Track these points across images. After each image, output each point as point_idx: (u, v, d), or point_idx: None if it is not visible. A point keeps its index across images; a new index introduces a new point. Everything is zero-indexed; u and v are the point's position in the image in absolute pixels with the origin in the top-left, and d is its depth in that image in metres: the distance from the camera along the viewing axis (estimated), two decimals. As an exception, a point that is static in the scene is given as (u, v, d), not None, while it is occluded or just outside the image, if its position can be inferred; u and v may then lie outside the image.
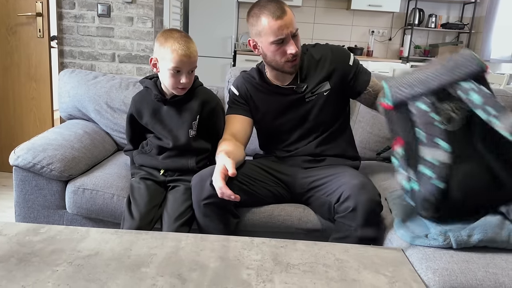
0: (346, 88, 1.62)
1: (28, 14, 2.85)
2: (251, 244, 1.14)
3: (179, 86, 1.53)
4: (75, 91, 2.05)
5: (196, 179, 1.44)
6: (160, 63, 1.53)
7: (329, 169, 1.56)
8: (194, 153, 1.64)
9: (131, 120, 1.70)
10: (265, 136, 1.74)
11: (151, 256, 1.05)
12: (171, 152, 1.63)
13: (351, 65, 1.59)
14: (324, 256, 1.10)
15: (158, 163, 1.63)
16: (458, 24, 5.28)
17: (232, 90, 1.69)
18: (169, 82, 1.53)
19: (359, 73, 1.61)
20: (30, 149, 1.63)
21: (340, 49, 1.63)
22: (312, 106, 1.60)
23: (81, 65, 3.15)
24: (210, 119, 1.67)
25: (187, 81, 1.52)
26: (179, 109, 1.63)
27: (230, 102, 1.70)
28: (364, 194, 1.33)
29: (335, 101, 1.62)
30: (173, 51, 1.48)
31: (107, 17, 3.07)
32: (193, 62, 1.53)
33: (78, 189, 1.61)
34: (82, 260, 1.01)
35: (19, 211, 1.69)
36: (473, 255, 1.13)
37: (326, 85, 1.58)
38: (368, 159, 2.04)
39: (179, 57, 1.48)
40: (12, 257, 1.01)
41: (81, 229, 1.17)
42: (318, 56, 1.60)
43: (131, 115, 1.69)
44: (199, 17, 4.76)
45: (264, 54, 1.53)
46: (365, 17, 5.43)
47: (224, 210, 1.43)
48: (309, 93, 1.59)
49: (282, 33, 1.45)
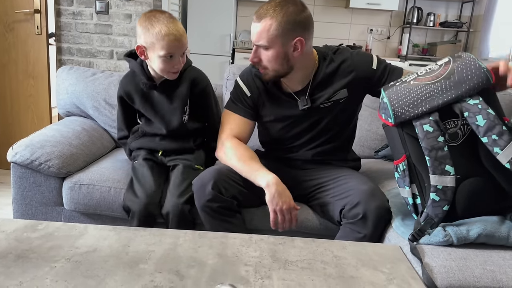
0: (372, 92, 1.56)
1: (26, 11, 2.84)
2: (249, 241, 1.15)
3: (173, 71, 1.48)
4: (73, 88, 2.04)
5: (198, 183, 1.41)
6: (149, 50, 1.45)
7: (333, 170, 1.54)
8: (190, 135, 1.63)
9: (122, 102, 1.66)
10: (270, 138, 1.66)
11: (149, 252, 1.05)
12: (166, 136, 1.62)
13: (375, 69, 1.50)
14: (322, 253, 1.10)
15: (156, 145, 1.62)
16: (457, 23, 5.28)
17: (241, 87, 1.57)
18: (162, 68, 1.46)
19: (387, 74, 1.51)
20: (28, 145, 1.62)
21: (361, 54, 1.54)
22: (326, 113, 1.53)
23: (79, 62, 3.14)
24: (200, 100, 1.63)
25: (181, 65, 1.48)
26: (170, 95, 1.58)
27: (236, 99, 1.58)
28: (374, 201, 1.31)
29: (350, 108, 1.56)
30: (163, 37, 1.40)
31: (106, 14, 3.07)
32: (184, 44, 1.46)
33: (74, 185, 1.61)
34: (80, 257, 1.01)
35: (17, 208, 1.68)
36: (471, 252, 1.13)
37: (343, 93, 1.51)
38: (366, 157, 2.05)
39: (171, 42, 1.41)
40: (10, 254, 1.01)
41: (79, 226, 1.17)
42: (338, 62, 1.51)
43: (121, 98, 1.65)
44: (198, 14, 4.75)
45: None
46: (364, 15, 5.43)
47: (229, 210, 1.42)
48: (325, 100, 1.51)
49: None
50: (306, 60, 1.47)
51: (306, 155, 1.58)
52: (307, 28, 1.41)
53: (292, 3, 1.37)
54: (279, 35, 1.36)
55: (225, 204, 1.40)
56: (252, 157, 1.46)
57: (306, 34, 1.40)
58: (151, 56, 1.47)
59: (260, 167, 1.41)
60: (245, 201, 1.46)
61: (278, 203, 1.34)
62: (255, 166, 1.42)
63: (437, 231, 1.16)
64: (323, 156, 1.58)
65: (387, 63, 1.54)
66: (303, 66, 1.47)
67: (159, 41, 1.41)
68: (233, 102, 1.59)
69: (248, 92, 1.55)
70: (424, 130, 1.15)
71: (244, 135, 1.57)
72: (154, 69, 1.53)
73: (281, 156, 1.63)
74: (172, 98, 1.58)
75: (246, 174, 1.43)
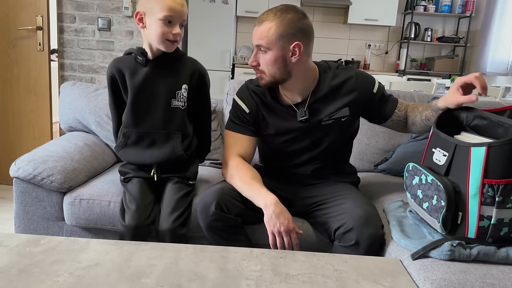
0: (368, 115, 1.59)
1: (28, 28, 2.89)
2: (251, 255, 1.15)
3: (170, 38, 1.42)
4: (76, 103, 2.06)
5: (201, 204, 1.40)
6: (148, 15, 1.42)
7: (331, 188, 1.54)
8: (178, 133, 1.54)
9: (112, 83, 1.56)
10: (270, 153, 1.65)
11: (151, 266, 1.06)
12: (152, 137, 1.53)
13: (375, 93, 1.54)
14: (323, 267, 1.11)
15: (146, 158, 1.54)
16: (454, 38, 5.35)
17: (239, 105, 1.57)
18: (159, 33, 1.40)
19: (384, 101, 1.56)
20: (30, 160, 1.64)
21: (364, 75, 1.56)
22: (328, 131, 1.53)
23: (81, 78, 3.18)
24: (198, 91, 1.57)
25: (179, 35, 1.43)
26: (163, 73, 1.50)
27: (236, 117, 1.57)
28: (368, 229, 1.30)
29: (351, 126, 1.58)
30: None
31: (108, 31, 3.11)
32: (184, 13, 1.44)
33: (74, 200, 1.61)
34: (82, 271, 1.02)
35: (18, 223, 1.69)
36: (471, 266, 1.14)
37: (345, 111, 1.51)
38: (366, 170, 2.06)
39: (172, 3, 1.38)
40: (13, 268, 1.02)
41: (81, 240, 1.18)
42: (341, 79, 1.52)
43: (112, 77, 1.55)
44: (198, 30, 4.81)
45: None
46: (362, 31, 5.50)
47: (234, 227, 1.42)
48: (326, 117, 1.51)
49: None
50: (305, 69, 1.48)
51: (305, 170, 1.59)
52: (306, 35, 1.43)
53: (294, 10, 1.41)
54: (278, 38, 1.39)
55: (229, 222, 1.40)
56: (254, 177, 1.46)
57: (304, 40, 1.42)
58: (149, 22, 1.42)
59: (260, 187, 1.42)
60: (248, 218, 1.47)
61: (276, 225, 1.34)
62: (255, 186, 1.43)
63: (446, 247, 1.16)
64: (322, 172, 1.59)
65: (385, 91, 1.59)
66: (302, 75, 1.48)
67: (158, 3, 1.39)
68: (232, 122, 1.59)
69: (246, 108, 1.55)
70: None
71: (247, 152, 1.57)
72: (150, 43, 1.47)
73: (280, 171, 1.62)
74: (164, 77, 1.50)
75: (246, 194, 1.43)
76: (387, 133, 2.08)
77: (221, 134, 2.14)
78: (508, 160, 1.10)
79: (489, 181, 1.11)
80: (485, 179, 1.11)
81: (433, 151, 1.28)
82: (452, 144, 1.21)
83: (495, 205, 1.12)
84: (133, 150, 1.57)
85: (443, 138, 1.25)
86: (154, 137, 1.55)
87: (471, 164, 1.13)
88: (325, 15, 5.47)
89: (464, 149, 1.17)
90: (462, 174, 1.16)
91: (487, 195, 1.12)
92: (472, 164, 1.13)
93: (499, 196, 1.11)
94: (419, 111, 1.50)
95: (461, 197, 1.17)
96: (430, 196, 1.22)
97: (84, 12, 3.08)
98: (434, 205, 1.20)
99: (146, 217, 1.45)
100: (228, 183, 1.50)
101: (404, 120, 1.56)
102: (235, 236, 1.43)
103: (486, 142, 1.12)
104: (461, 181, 1.17)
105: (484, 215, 1.14)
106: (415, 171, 1.30)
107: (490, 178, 1.11)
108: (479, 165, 1.12)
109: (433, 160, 1.27)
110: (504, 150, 1.10)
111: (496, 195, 1.11)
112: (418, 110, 1.51)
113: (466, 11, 5.23)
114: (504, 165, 1.10)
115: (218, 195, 1.40)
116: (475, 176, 1.12)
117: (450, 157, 1.21)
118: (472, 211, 1.15)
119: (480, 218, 1.14)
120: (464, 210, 1.16)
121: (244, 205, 1.43)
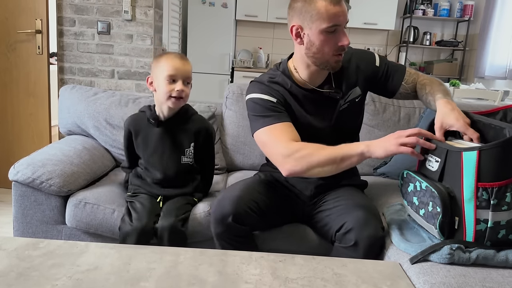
0: (376, 89, 1.57)
1: (27, 32, 2.89)
2: (250, 258, 1.15)
3: (174, 94, 1.52)
4: (75, 107, 2.06)
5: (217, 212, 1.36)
6: (155, 78, 1.56)
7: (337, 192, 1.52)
8: (189, 180, 1.67)
9: (128, 137, 1.69)
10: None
11: (150, 270, 1.06)
12: (164, 181, 1.64)
13: (379, 66, 1.52)
14: (322, 271, 1.10)
15: (155, 190, 1.63)
16: (453, 42, 5.37)
17: (263, 99, 1.42)
18: (164, 91, 1.52)
19: (391, 72, 1.52)
20: (29, 164, 1.63)
21: (363, 51, 1.55)
22: (346, 116, 1.50)
23: (81, 81, 3.18)
24: (204, 146, 1.69)
25: (183, 89, 1.52)
26: (173, 133, 1.63)
27: (267, 110, 1.41)
28: (367, 230, 1.29)
29: (362, 109, 1.57)
30: (167, 61, 1.52)
31: (107, 35, 3.12)
32: (188, 71, 1.55)
33: (79, 203, 1.61)
34: (81, 275, 1.02)
35: (17, 226, 1.68)
36: (470, 269, 1.14)
37: (357, 91, 1.49)
38: (365, 174, 2.06)
39: (174, 63, 1.51)
40: (12, 272, 1.01)
41: (80, 244, 1.17)
42: (345, 59, 1.46)
43: (128, 131, 1.68)
44: (198, 34, 4.82)
45: (311, 43, 1.37)
46: (361, 34, 5.51)
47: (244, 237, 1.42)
48: (343, 101, 1.48)
49: (338, 20, 1.31)
50: None
51: None
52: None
53: None
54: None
55: (243, 233, 1.40)
56: (323, 146, 1.32)
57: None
58: (157, 84, 1.55)
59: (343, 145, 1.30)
60: (259, 226, 1.47)
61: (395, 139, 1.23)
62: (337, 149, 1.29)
63: (445, 251, 1.16)
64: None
65: (388, 61, 1.56)
66: None
67: (163, 66, 1.52)
68: (263, 117, 1.40)
69: (272, 98, 1.42)
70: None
71: (297, 137, 1.38)
72: (160, 104, 1.59)
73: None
74: (175, 136, 1.63)
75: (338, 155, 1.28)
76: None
77: (220, 139, 2.14)
78: (500, 163, 1.10)
79: (482, 185, 1.11)
80: (478, 183, 1.11)
81: (426, 157, 1.28)
82: (443, 149, 1.21)
83: (491, 208, 1.12)
84: (142, 182, 1.67)
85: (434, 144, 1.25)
86: (164, 184, 1.65)
87: (464, 169, 1.13)
88: (324, 19, 5.48)
89: (456, 154, 1.17)
90: (455, 179, 1.17)
91: (482, 198, 1.12)
92: (464, 168, 1.13)
93: (493, 199, 1.11)
94: (425, 92, 1.47)
95: (456, 202, 1.17)
96: (425, 202, 1.22)
97: (83, 15, 3.08)
98: (430, 211, 1.20)
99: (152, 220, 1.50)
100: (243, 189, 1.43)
101: (413, 92, 1.54)
102: (245, 246, 1.40)
103: (477, 146, 1.12)
104: (455, 186, 1.17)
105: (480, 218, 1.14)
106: (410, 178, 1.30)
107: (484, 181, 1.11)
108: (472, 169, 1.12)
109: (427, 166, 1.27)
110: (495, 153, 1.10)
111: (491, 198, 1.11)
112: (425, 91, 1.47)
113: (465, 15, 5.25)
114: (496, 168, 1.10)
115: (236, 205, 1.35)
116: (469, 181, 1.12)
117: (443, 163, 1.21)
118: (468, 215, 1.15)
119: (477, 222, 1.14)
120: (460, 215, 1.16)
121: (257, 214, 1.41)
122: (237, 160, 2.13)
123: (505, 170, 1.11)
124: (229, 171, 2.15)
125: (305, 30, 1.36)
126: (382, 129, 2.06)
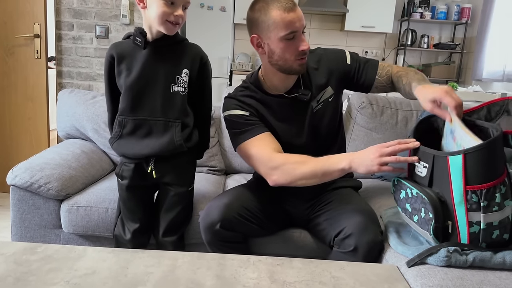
0: (351, 87, 1.56)
1: (26, 36, 2.89)
2: (248, 262, 1.15)
3: (171, 19, 1.32)
4: (74, 110, 2.07)
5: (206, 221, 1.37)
6: None
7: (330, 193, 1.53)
8: (178, 121, 1.42)
9: (110, 68, 1.45)
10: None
11: (148, 274, 1.06)
12: (149, 125, 1.42)
13: (350, 63, 1.51)
14: (320, 274, 1.10)
15: (142, 148, 1.42)
16: (450, 44, 5.38)
17: (236, 114, 1.46)
18: (160, 13, 1.30)
19: (363, 68, 1.52)
20: (27, 168, 1.63)
21: (333, 50, 1.55)
22: (321, 117, 1.50)
23: (79, 86, 3.18)
24: (199, 79, 1.47)
25: (182, 18, 1.34)
26: (162, 57, 1.40)
27: (242, 126, 1.45)
28: (367, 235, 1.29)
29: (338, 107, 1.56)
30: None
31: (105, 39, 3.12)
32: None
33: (72, 207, 1.61)
34: (79, 279, 1.02)
35: (15, 231, 1.68)
36: (467, 272, 1.14)
37: (329, 91, 1.49)
38: (363, 177, 2.06)
39: None
40: (9, 276, 1.01)
41: (78, 248, 1.17)
42: (314, 61, 1.49)
43: (110, 61, 1.44)
44: (196, 38, 4.82)
45: (272, 52, 1.38)
46: (359, 38, 5.52)
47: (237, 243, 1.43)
48: (315, 103, 1.48)
49: (295, 26, 1.33)
50: None
51: None
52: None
53: None
54: None
55: (234, 239, 1.41)
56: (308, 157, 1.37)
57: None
58: (150, 1, 1.33)
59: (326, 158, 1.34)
60: (252, 233, 1.47)
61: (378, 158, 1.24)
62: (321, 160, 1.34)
63: (442, 254, 1.16)
64: None
65: (359, 57, 1.55)
66: None
67: None
68: (241, 133, 1.45)
69: (245, 112, 1.46)
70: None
71: (279, 147, 1.43)
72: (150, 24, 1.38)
73: None
74: (163, 61, 1.41)
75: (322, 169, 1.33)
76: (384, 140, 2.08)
77: (218, 141, 2.14)
78: (486, 164, 1.10)
79: (471, 188, 1.11)
80: (467, 186, 1.11)
81: (415, 163, 1.28)
82: (430, 155, 1.21)
83: (482, 210, 1.12)
84: (129, 141, 1.44)
85: (421, 150, 1.24)
86: (151, 126, 1.42)
87: (451, 173, 1.14)
88: (322, 22, 5.50)
89: (442, 159, 1.16)
90: (444, 184, 1.17)
91: (472, 201, 1.12)
92: (452, 173, 1.13)
93: (483, 201, 1.11)
94: (403, 84, 1.45)
95: (447, 207, 1.17)
96: (418, 209, 1.22)
97: (82, 20, 3.09)
98: (423, 217, 1.20)
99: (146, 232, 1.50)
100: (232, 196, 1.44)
101: (388, 85, 1.53)
102: (237, 247, 1.43)
103: (461, 150, 1.12)
104: (445, 191, 1.17)
105: (473, 221, 1.14)
106: (401, 185, 1.30)
107: (472, 184, 1.11)
108: (459, 173, 1.12)
109: (416, 172, 1.27)
110: (480, 155, 1.10)
111: (481, 200, 1.12)
112: (402, 83, 1.45)
113: (462, 18, 5.27)
114: (483, 170, 1.10)
115: (223, 212, 1.36)
116: (457, 185, 1.13)
117: (431, 168, 1.21)
118: (460, 219, 1.15)
119: (470, 224, 1.14)
120: (453, 219, 1.17)
121: (248, 221, 1.42)
122: (235, 162, 2.14)
123: (491, 171, 1.11)
124: (227, 174, 2.16)
125: (265, 39, 1.38)
126: (379, 132, 2.07)
